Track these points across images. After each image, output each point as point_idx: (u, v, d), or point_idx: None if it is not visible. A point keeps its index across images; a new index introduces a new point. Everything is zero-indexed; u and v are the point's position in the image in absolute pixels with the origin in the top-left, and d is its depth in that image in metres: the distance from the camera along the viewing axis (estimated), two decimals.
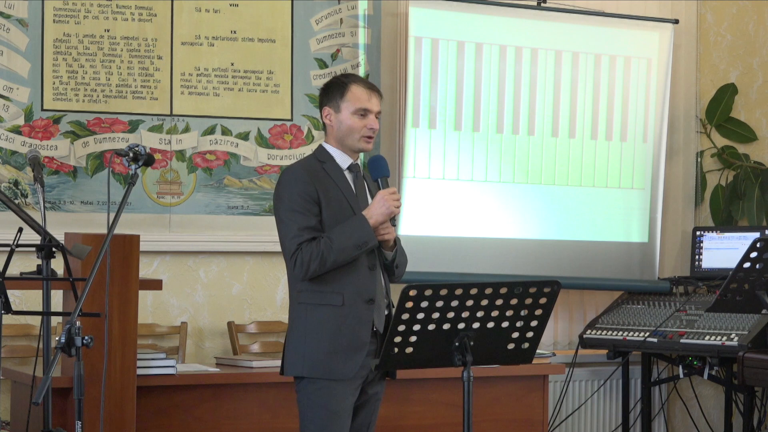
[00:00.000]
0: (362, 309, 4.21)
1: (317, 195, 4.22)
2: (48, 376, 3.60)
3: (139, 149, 4.11)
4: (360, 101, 4.26)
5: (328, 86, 4.35)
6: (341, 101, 4.28)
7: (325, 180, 4.26)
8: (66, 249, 4.29)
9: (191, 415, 5.08)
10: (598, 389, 6.81)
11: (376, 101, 4.31)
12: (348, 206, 4.25)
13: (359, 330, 4.20)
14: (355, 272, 4.22)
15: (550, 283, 3.93)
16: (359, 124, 4.27)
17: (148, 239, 5.50)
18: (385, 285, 4.32)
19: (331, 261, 4.16)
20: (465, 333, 3.86)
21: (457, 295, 3.80)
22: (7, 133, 5.77)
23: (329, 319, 4.20)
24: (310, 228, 4.19)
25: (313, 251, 4.16)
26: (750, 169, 7.00)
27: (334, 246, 4.15)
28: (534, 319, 3.95)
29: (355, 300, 4.21)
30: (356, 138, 4.28)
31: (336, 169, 4.30)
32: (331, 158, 4.31)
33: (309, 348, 4.21)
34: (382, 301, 4.27)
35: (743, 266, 4.55)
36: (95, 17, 5.90)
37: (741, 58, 7.23)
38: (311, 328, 4.22)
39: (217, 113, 6.11)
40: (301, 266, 4.17)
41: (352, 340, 4.19)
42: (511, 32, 6.55)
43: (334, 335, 4.19)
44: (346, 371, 4.18)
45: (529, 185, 6.60)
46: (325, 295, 4.22)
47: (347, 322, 4.19)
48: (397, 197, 4.21)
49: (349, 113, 4.27)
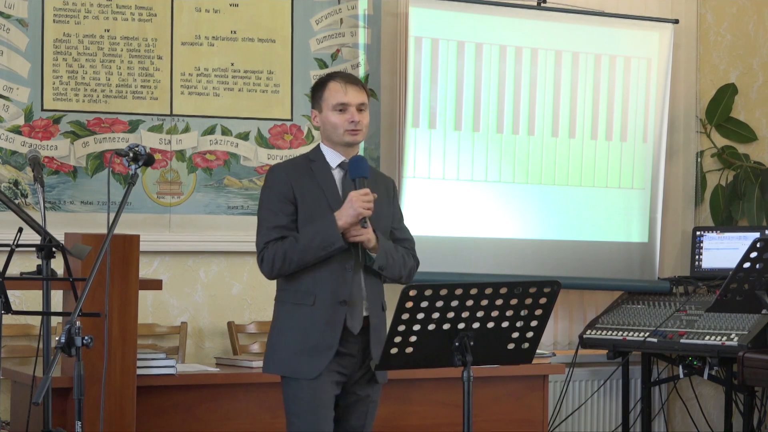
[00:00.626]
0: (334, 310, 4.21)
1: (293, 194, 4.25)
2: (48, 376, 3.60)
3: (139, 149, 4.12)
4: (336, 97, 4.27)
5: (313, 88, 4.40)
6: (322, 100, 4.31)
7: (306, 179, 4.28)
8: (66, 249, 4.29)
9: (191, 415, 5.08)
10: (598, 389, 6.81)
11: (354, 93, 4.29)
12: (327, 205, 4.24)
13: (327, 331, 4.20)
14: (329, 273, 4.22)
15: (550, 283, 3.93)
16: (340, 120, 4.27)
17: (148, 239, 5.50)
18: (370, 287, 4.29)
19: (296, 260, 4.19)
20: (465, 333, 3.86)
21: (457, 295, 3.80)
22: (7, 133, 5.77)
23: (300, 319, 4.23)
24: (280, 227, 4.22)
25: (277, 250, 4.19)
26: (750, 169, 7.00)
27: (298, 245, 4.18)
28: (534, 319, 3.95)
29: (327, 301, 4.22)
30: (341, 133, 4.28)
31: (323, 168, 4.31)
32: (321, 157, 4.33)
33: (279, 347, 4.28)
34: (360, 303, 4.25)
35: (743, 266, 4.55)
36: (95, 17, 5.90)
37: (741, 58, 7.23)
38: (284, 326, 4.28)
39: (217, 113, 6.11)
40: (266, 265, 4.23)
41: (319, 341, 4.20)
42: (511, 32, 6.55)
43: (303, 335, 4.22)
44: (310, 371, 4.19)
45: (529, 185, 6.60)
46: (298, 294, 4.25)
47: (316, 323, 4.21)
48: (368, 199, 4.18)
49: (329, 111, 4.28)
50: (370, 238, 4.22)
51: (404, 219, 4.53)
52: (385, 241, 4.30)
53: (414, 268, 4.46)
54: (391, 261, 4.30)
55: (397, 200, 4.53)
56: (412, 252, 4.47)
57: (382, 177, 4.54)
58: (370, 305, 4.28)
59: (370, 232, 4.21)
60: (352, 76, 4.40)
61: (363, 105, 4.30)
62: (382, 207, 4.35)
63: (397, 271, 4.34)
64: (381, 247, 4.25)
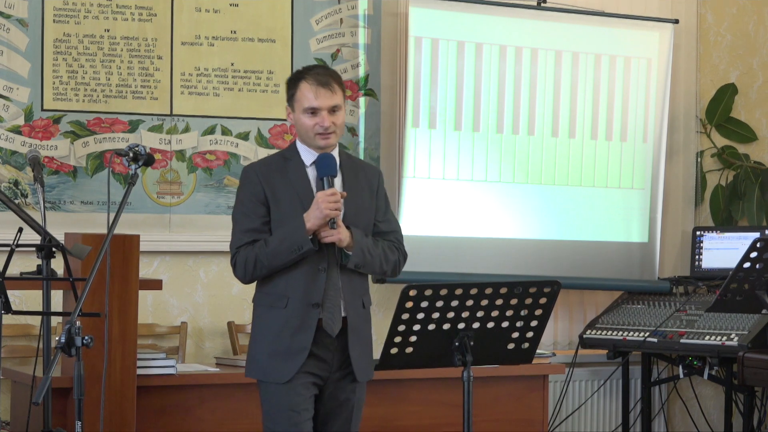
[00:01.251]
0: (306, 313, 4.12)
1: (264, 196, 4.16)
2: (48, 376, 3.60)
3: (139, 149, 4.11)
4: (307, 100, 4.14)
5: (287, 83, 4.25)
6: (294, 101, 4.19)
7: (280, 179, 4.18)
8: (66, 249, 4.29)
9: (191, 415, 5.08)
10: (598, 389, 6.81)
11: (326, 97, 4.14)
12: (300, 205, 4.13)
13: (300, 334, 4.11)
14: (301, 275, 4.13)
15: (550, 283, 3.93)
16: (310, 123, 4.15)
17: (148, 239, 5.50)
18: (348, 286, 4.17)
19: (267, 264, 4.12)
20: (465, 333, 3.86)
21: (457, 295, 3.80)
22: (7, 133, 5.77)
23: (273, 322, 4.16)
24: (252, 230, 4.15)
25: (249, 255, 4.13)
26: (750, 169, 7.00)
27: (268, 250, 4.10)
28: (534, 319, 3.95)
29: (299, 303, 4.13)
30: (311, 136, 4.16)
31: (298, 166, 4.20)
32: (296, 155, 4.22)
33: (255, 350, 4.22)
34: (337, 304, 4.14)
35: (743, 266, 4.55)
36: (95, 17, 5.90)
37: (741, 58, 7.23)
38: (259, 330, 4.22)
39: (217, 113, 6.11)
40: (239, 270, 4.18)
41: (291, 344, 4.12)
42: (511, 32, 6.55)
43: (276, 338, 4.14)
44: (282, 375, 4.11)
45: (529, 185, 6.60)
46: (272, 297, 4.18)
47: (288, 326, 4.13)
48: (335, 199, 4.07)
49: (300, 113, 4.17)
50: (342, 238, 4.10)
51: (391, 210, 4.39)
52: (361, 237, 4.16)
53: (399, 262, 4.30)
54: (369, 258, 4.17)
55: (383, 191, 4.36)
56: (397, 245, 4.31)
57: (364, 167, 4.39)
58: (348, 305, 4.17)
59: (341, 232, 4.10)
60: (325, 74, 4.20)
61: (336, 107, 4.17)
62: (363, 200, 4.24)
63: (377, 267, 4.21)
64: (356, 244, 4.13)
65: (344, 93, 4.24)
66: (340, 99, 4.19)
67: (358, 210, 4.21)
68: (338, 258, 4.15)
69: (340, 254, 4.15)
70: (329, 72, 4.24)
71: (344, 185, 4.21)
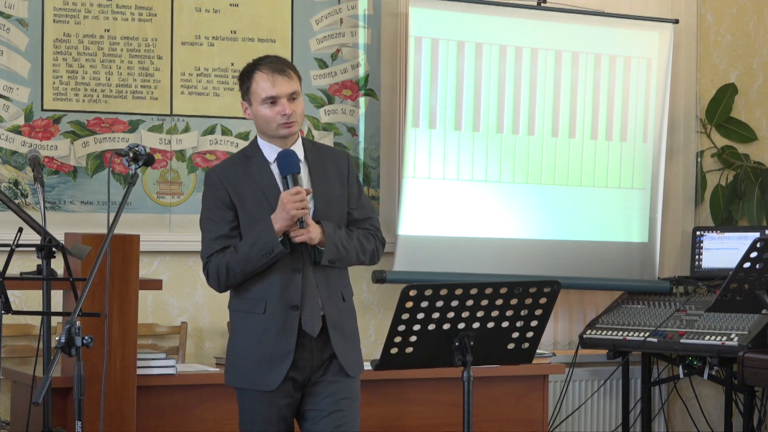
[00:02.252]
0: (286, 316, 4.00)
1: (230, 199, 4.04)
2: (48, 376, 3.60)
3: (139, 149, 4.09)
4: (264, 90, 4.02)
5: (239, 77, 4.14)
6: (250, 93, 4.06)
7: (243, 179, 4.05)
8: (66, 249, 4.29)
9: (191, 415, 5.08)
10: (598, 389, 6.81)
11: (283, 84, 4.03)
12: (267, 205, 4.00)
13: (282, 339, 3.99)
14: (277, 277, 4.01)
15: (550, 283, 3.93)
16: (271, 113, 4.02)
17: (148, 239, 5.50)
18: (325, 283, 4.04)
19: (239, 271, 4.00)
20: (465, 333, 3.86)
21: (457, 295, 3.80)
22: (7, 133, 5.77)
23: (253, 328, 4.03)
24: (222, 237, 4.04)
25: (220, 263, 4.02)
26: (750, 169, 7.00)
27: (238, 256, 3.99)
28: (534, 319, 3.95)
29: (278, 307, 4.00)
30: (273, 127, 4.02)
31: (261, 164, 4.07)
32: (258, 152, 4.08)
33: (236, 358, 4.09)
34: (316, 304, 4.02)
35: (743, 266, 4.55)
36: (95, 17, 5.90)
37: (741, 58, 7.23)
38: (238, 337, 4.09)
39: (217, 113, 6.11)
40: (212, 279, 4.08)
41: (275, 350, 4.00)
42: (511, 32, 6.55)
43: (258, 345, 4.02)
44: (270, 382, 4.01)
45: (529, 185, 6.60)
46: (249, 302, 4.05)
47: (270, 331, 4.00)
48: (300, 198, 3.93)
49: (258, 104, 4.04)
50: (312, 236, 3.97)
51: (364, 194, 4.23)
52: (333, 232, 4.03)
53: (377, 250, 4.16)
54: (344, 252, 4.04)
55: (354, 177, 4.20)
56: (374, 231, 4.17)
57: (332, 154, 4.23)
58: (326, 302, 4.04)
59: (311, 230, 3.97)
60: (278, 62, 4.09)
61: (294, 93, 4.04)
62: (333, 189, 4.10)
63: (354, 259, 4.09)
64: (329, 239, 4.00)
65: (300, 80, 4.12)
66: (298, 85, 4.07)
67: (328, 201, 4.08)
68: (312, 256, 4.03)
69: (313, 252, 4.02)
70: (282, 60, 4.14)
71: (311, 177, 4.08)
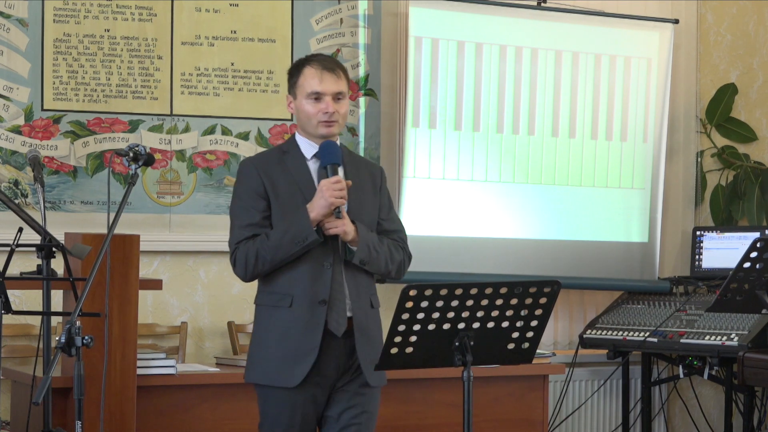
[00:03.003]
0: (313, 311, 3.96)
1: (264, 189, 4.00)
2: (48, 376, 3.60)
3: (139, 149, 4.09)
4: (310, 85, 3.99)
5: (289, 71, 4.13)
6: (296, 87, 4.04)
7: (279, 172, 4.02)
8: (66, 249, 4.29)
9: (191, 415, 5.08)
10: (598, 389, 6.81)
11: (331, 82, 4.00)
12: (302, 198, 3.97)
13: (308, 334, 3.95)
14: (307, 271, 3.97)
15: (550, 283, 3.92)
16: (314, 110, 4.00)
17: (148, 239, 5.50)
18: (353, 284, 4.03)
19: (269, 259, 3.94)
20: (465, 333, 3.85)
21: (457, 295, 3.79)
22: (7, 133, 5.77)
23: (278, 323, 3.99)
24: (252, 225, 3.98)
25: (249, 250, 3.95)
26: (750, 169, 7.00)
27: (270, 243, 3.93)
28: (534, 319, 3.95)
29: (305, 302, 3.96)
30: (314, 124, 4.01)
31: (298, 159, 4.05)
32: (296, 147, 4.07)
33: (259, 354, 4.03)
34: (343, 303, 3.99)
35: (743, 266, 4.55)
36: (95, 17, 5.90)
37: (741, 58, 7.23)
38: (262, 332, 4.04)
39: (217, 113, 6.11)
40: (239, 266, 4.00)
41: (300, 345, 3.95)
42: (511, 32, 6.55)
43: (282, 340, 3.97)
44: (293, 378, 3.95)
45: (529, 185, 6.60)
46: (275, 296, 4.01)
47: (295, 326, 3.96)
48: (340, 187, 3.92)
49: (303, 99, 4.01)
50: (347, 230, 3.95)
51: (394, 209, 4.25)
52: (366, 232, 4.02)
53: (405, 262, 4.17)
54: (375, 254, 4.02)
55: (386, 189, 4.21)
56: (402, 244, 4.17)
57: (366, 164, 4.26)
58: (354, 304, 4.02)
59: (346, 224, 3.95)
60: (330, 60, 4.08)
61: (340, 94, 4.02)
62: (366, 196, 4.10)
63: (382, 265, 4.06)
64: (362, 239, 3.98)
65: (348, 84, 4.11)
66: (345, 87, 4.06)
67: (361, 205, 4.07)
68: (342, 254, 4.01)
69: (344, 250, 4.01)
70: (334, 59, 4.13)
71: (347, 178, 4.05)
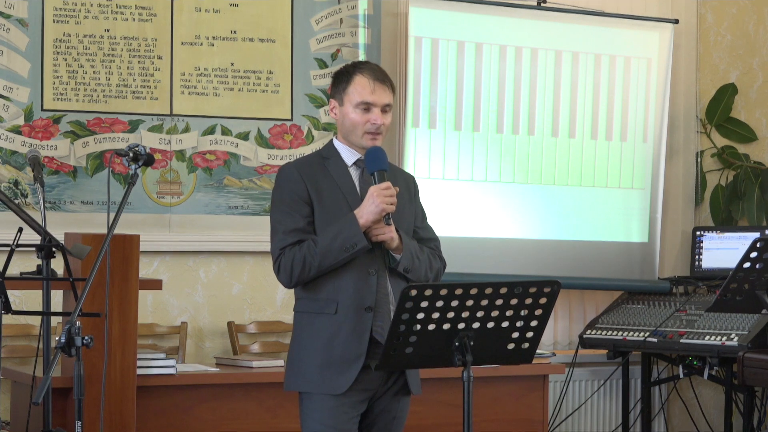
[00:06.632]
0: (359, 318, 3.90)
1: (308, 194, 3.92)
2: (48, 376, 3.60)
3: (139, 149, 4.09)
4: (361, 94, 3.92)
5: (336, 76, 4.02)
6: (344, 94, 3.94)
7: (322, 177, 3.95)
8: (66, 249, 4.28)
9: (191, 415, 5.08)
10: (598, 389, 6.81)
11: (382, 93, 3.93)
12: (346, 205, 3.91)
13: (354, 341, 3.90)
14: (352, 277, 3.90)
15: (550, 283, 3.92)
16: (361, 120, 3.93)
17: (148, 239, 5.50)
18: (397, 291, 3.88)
19: (316, 265, 3.86)
20: (465, 333, 3.85)
21: (457, 295, 3.78)
22: (7, 133, 5.77)
23: (322, 330, 3.91)
24: (297, 230, 3.90)
25: (295, 256, 3.87)
26: (750, 169, 7.00)
27: (318, 249, 3.85)
28: (534, 319, 3.94)
29: (351, 308, 3.90)
30: (359, 134, 3.94)
31: (339, 166, 3.98)
32: (336, 154, 4.00)
33: (302, 362, 3.95)
34: (387, 310, 3.93)
35: (743, 266, 4.54)
36: (95, 17, 5.90)
37: (741, 58, 7.23)
38: (305, 339, 3.95)
39: (217, 113, 6.11)
40: (284, 273, 3.90)
41: (345, 352, 3.89)
42: (511, 32, 6.55)
43: (327, 347, 3.90)
44: (339, 385, 3.89)
45: (529, 185, 6.60)
46: (319, 303, 3.93)
47: (341, 333, 3.90)
48: (390, 193, 3.86)
49: (351, 107, 3.93)
50: (394, 237, 3.90)
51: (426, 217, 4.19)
52: (409, 240, 3.98)
53: (441, 270, 4.12)
54: (417, 262, 3.98)
55: (419, 198, 4.18)
56: (438, 252, 4.13)
57: (401, 172, 4.21)
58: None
59: (393, 231, 3.90)
60: (381, 71, 3.99)
61: (388, 106, 3.96)
62: (404, 204, 4.04)
63: (423, 273, 4.02)
64: (405, 247, 3.94)
65: (395, 96, 4.04)
66: (392, 99, 4.00)
67: (400, 214, 4.00)
68: (386, 261, 3.96)
69: (387, 257, 3.96)
70: (384, 71, 4.04)
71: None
